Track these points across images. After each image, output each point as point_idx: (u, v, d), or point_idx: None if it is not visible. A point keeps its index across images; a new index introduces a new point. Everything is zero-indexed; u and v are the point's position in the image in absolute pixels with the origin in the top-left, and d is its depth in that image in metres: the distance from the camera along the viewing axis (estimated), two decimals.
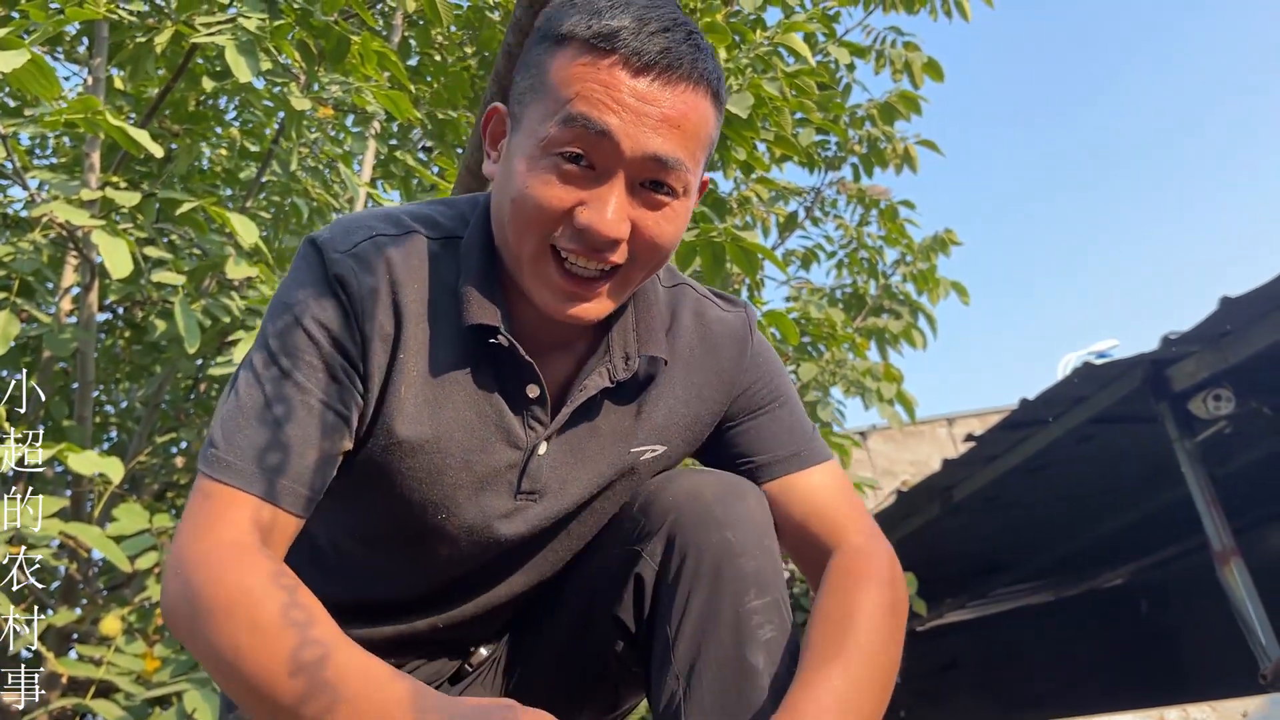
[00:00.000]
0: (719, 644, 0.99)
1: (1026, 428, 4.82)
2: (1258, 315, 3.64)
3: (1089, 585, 9.33)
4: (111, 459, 2.32)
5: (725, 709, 0.97)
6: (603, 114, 0.93)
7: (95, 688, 2.59)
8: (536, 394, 1.05)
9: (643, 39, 0.94)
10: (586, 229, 0.95)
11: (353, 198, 4.02)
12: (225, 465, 0.94)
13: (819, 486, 1.14)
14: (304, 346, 0.98)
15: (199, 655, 0.88)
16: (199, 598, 0.87)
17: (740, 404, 1.16)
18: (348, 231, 1.03)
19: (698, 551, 1.02)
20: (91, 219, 2.58)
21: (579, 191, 0.96)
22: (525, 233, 0.98)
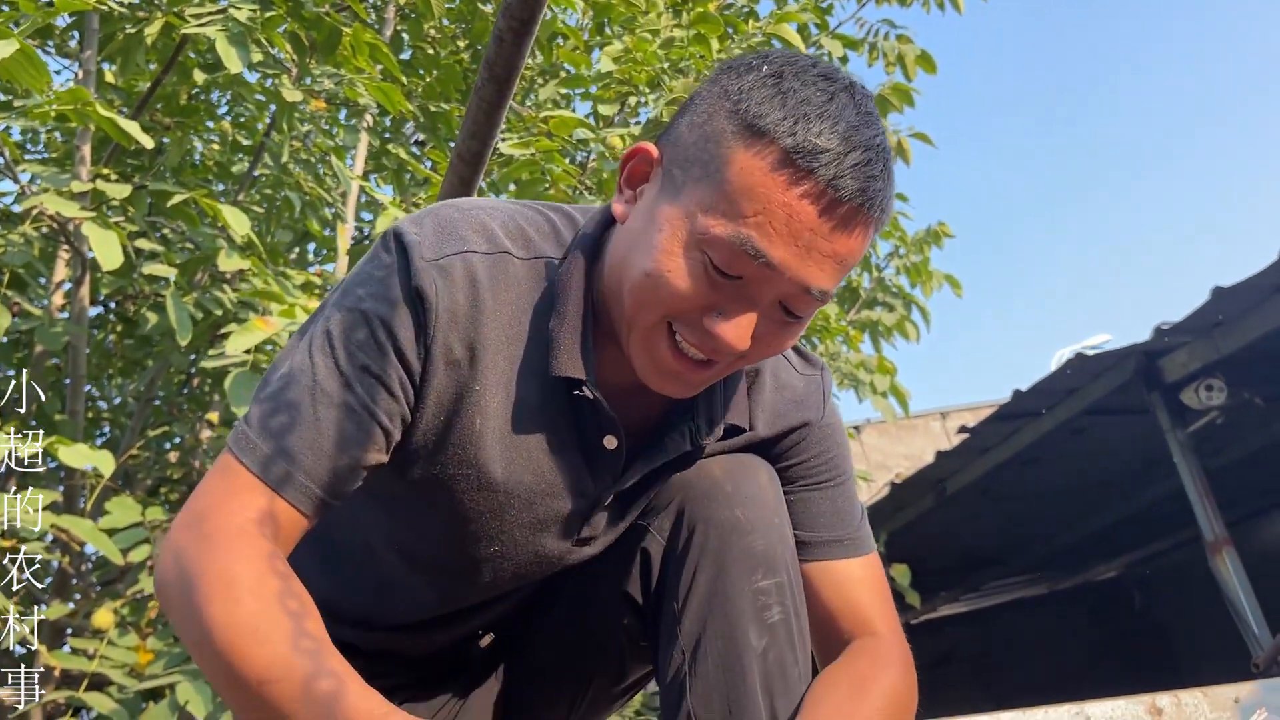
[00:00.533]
0: (725, 621, 0.99)
1: (1019, 419, 4.84)
2: (1249, 306, 3.65)
3: (1082, 578, 9.37)
4: (103, 452, 2.32)
5: (729, 687, 0.97)
6: (774, 247, 0.87)
7: (88, 681, 2.58)
8: (614, 446, 1.01)
9: (844, 170, 0.86)
10: (713, 336, 0.91)
11: (345, 191, 4.01)
12: (251, 448, 0.92)
13: (857, 580, 1.12)
14: (366, 347, 0.94)
15: (181, 630, 0.87)
16: (190, 574, 0.86)
17: (798, 472, 1.13)
18: (440, 238, 0.97)
19: (705, 528, 1.02)
20: (82, 211, 2.57)
21: (717, 296, 0.90)
22: (647, 310, 0.93)
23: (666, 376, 0.95)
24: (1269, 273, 3.40)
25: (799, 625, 1.03)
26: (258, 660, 0.81)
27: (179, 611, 0.87)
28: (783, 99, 0.88)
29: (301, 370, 0.94)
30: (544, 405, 0.99)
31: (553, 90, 4.15)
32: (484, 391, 0.97)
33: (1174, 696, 2.01)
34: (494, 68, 1.59)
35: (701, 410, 1.04)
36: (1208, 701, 2.02)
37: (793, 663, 1.01)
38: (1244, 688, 2.08)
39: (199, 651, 0.85)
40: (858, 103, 0.89)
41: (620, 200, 0.99)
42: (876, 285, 5.13)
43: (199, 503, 0.92)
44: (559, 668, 1.19)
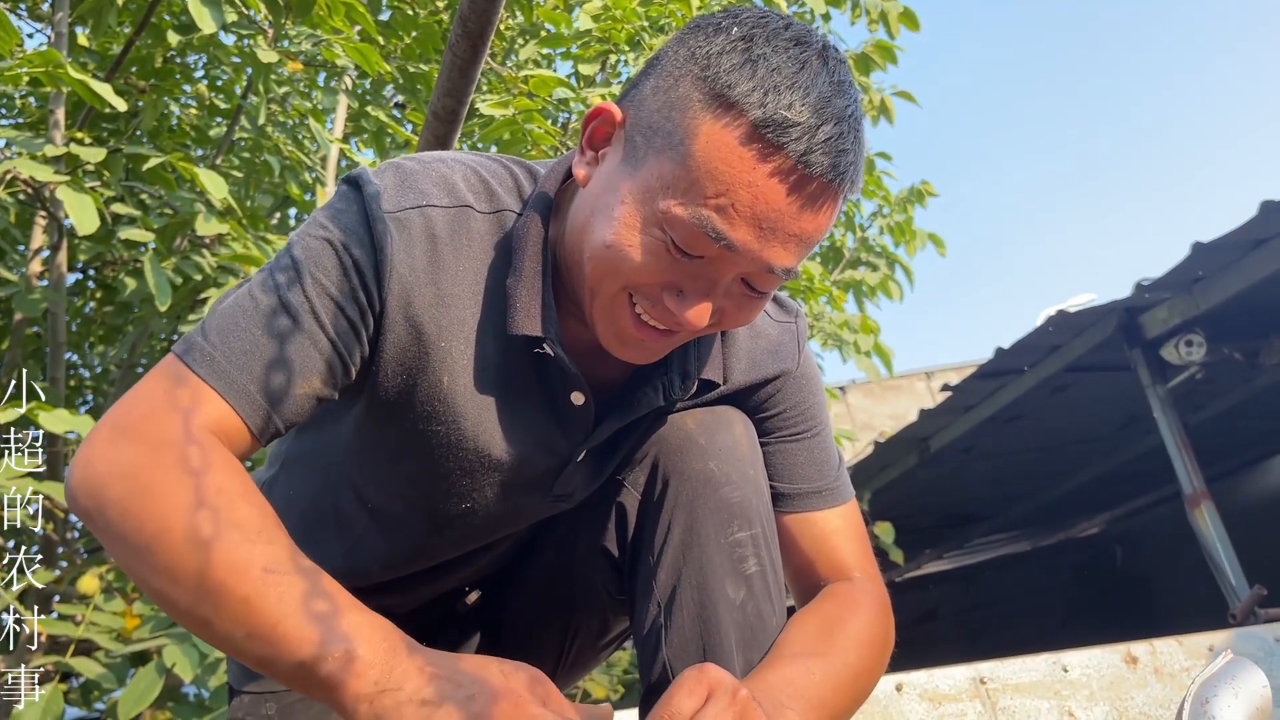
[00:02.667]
0: (699, 574, 0.99)
1: (1002, 377, 4.86)
2: (1229, 261, 3.67)
3: (1065, 534, 9.47)
4: (84, 418, 2.31)
5: (704, 639, 0.98)
6: (736, 229, 0.84)
7: (75, 646, 2.59)
8: (581, 402, 1.00)
9: (815, 145, 0.83)
10: (671, 314, 0.89)
11: (325, 154, 3.98)
12: (210, 361, 0.88)
13: (834, 530, 1.11)
14: (329, 277, 0.91)
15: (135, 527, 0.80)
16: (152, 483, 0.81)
17: (775, 423, 1.12)
18: (399, 190, 0.95)
19: (679, 480, 1.01)
20: (56, 175, 2.54)
21: (677, 273, 0.88)
22: (607, 280, 0.91)
23: (629, 344, 0.94)
24: (1248, 228, 3.41)
25: (774, 576, 1.03)
26: (262, 553, 0.78)
27: (133, 517, 0.80)
28: (752, 67, 0.84)
29: (263, 291, 0.92)
30: (510, 363, 0.98)
31: (533, 50, 4.11)
32: (449, 349, 0.95)
33: (1149, 645, 2.05)
34: (468, 23, 1.57)
35: (675, 365, 1.03)
36: (1182, 650, 2.06)
37: (770, 613, 1.01)
38: (1218, 636, 2.12)
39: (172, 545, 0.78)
40: (830, 69, 0.86)
41: (581, 162, 0.95)
42: (860, 245, 5.12)
43: (139, 407, 0.86)
44: (542, 623, 1.19)
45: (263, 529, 0.80)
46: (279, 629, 0.75)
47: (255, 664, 0.78)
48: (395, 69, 4.07)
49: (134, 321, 3.71)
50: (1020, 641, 5.67)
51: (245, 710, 1.10)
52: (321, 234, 0.93)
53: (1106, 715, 1.91)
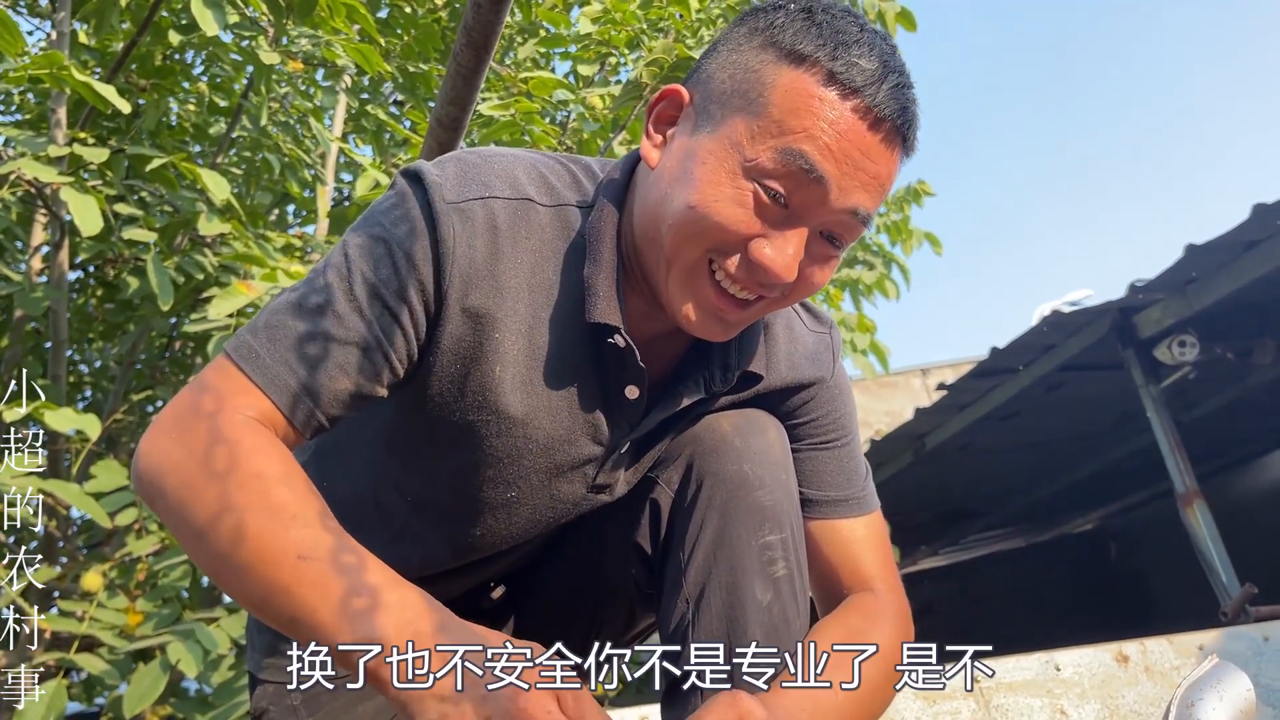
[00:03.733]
0: (729, 573, 1.01)
1: (997, 376, 4.89)
2: (1222, 262, 3.70)
3: (1059, 530, 9.52)
4: (88, 416, 2.33)
5: (731, 637, 1.00)
6: (825, 160, 0.88)
7: (78, 643, 2.62)
8: (635, 396, 1.01)
9: (886, 92, 0.88)
10: (761, 266, 0.91)
11: (324, 152, 3.99)
12: (255, 357, 0.91)
13: (859, 539, 1.13)
14: (384, 278, 0.93)
15: (189, 514, 0.84)
16: (212, 463, 0.84)
17: (807, 430, 1.14)
18: (461, 181, 0.96)
19: (714, 481, 1.03)
20: (60, 176, 2.56)
21: (764, 224, 0.90)
22: (690, 244, 0.92)
23: (707, 315, 0.95)
24: (1240, 230, 3.44)
25: (801, 580, 1.05)
26: (296, 539, 0.80)
27: (185, 508, 0.85)
28: (818, 29, 0.89)
29: (316, 291, 0.93)
30: (566, 353, 0.99)
31: (531, 49, 4.13)
32: (504, 339, 0.97)
33: (1140, 644, 2.08)
34: (472, 34, 1.60)
35: (716, 359, 1.05)
36: (1173, 648, 2.09)
37: (794, 616, 1.03)
38: (1207, 635, 2.15)
39: (218, 535, 0.82)
40: (883, 36, 0.92)
41: (650, 145, 0.98)
42: (857, 243, 5.15)
43: (201, 397, 0.90)
44: (568, 615, 1.21)
45: (298, 513, 0.82)
46: (316, 617, 0.77)
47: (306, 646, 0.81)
48: (395, 68, 4.09)
49: (135, 320, 3.73)
50: (1015, 638, 5.72)
51: (269, 700, 1.11)
52: (378, 231, 0.95)
53: (1098, 713, 1.95)
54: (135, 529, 3.03)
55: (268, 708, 1.11)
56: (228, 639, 2.44)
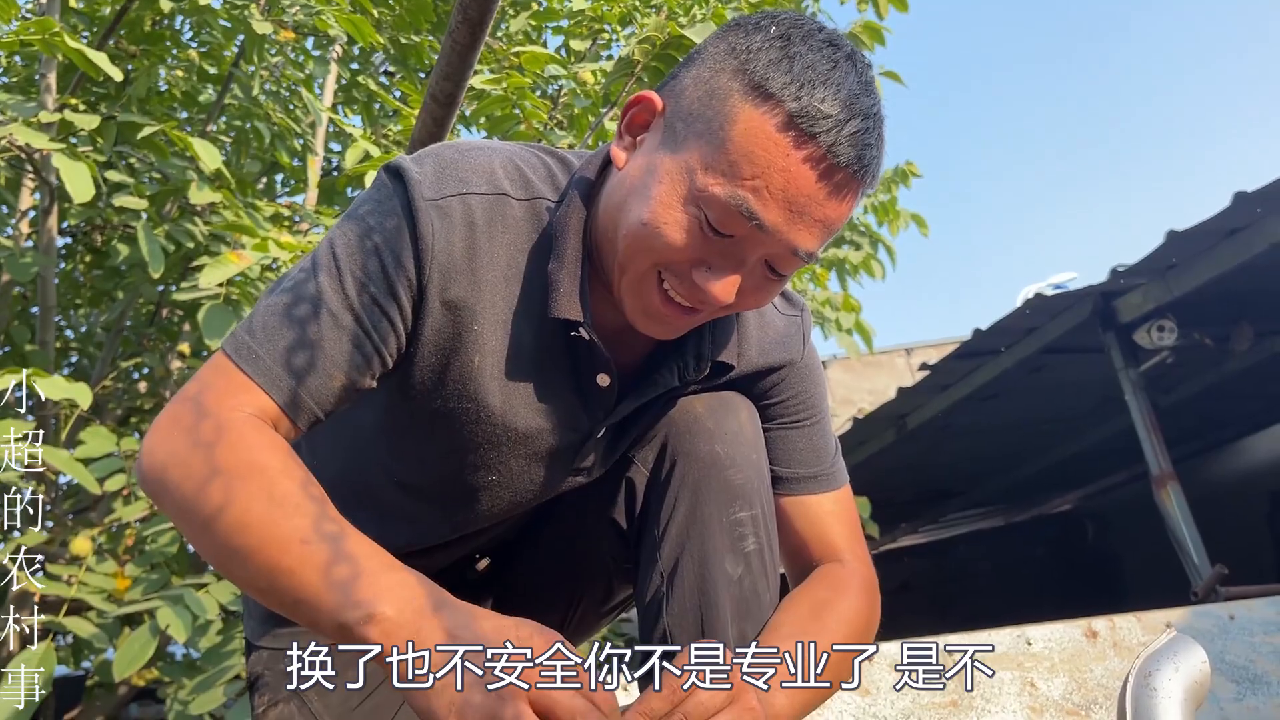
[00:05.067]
0: (701, 548, 1.05)
1: (979, 357, 4.94)
2: (1203, 249, 3.75)
3: (1038, 510, 9.62)
4: (79, 385, 2.35)
5: (702, 609, 1.04)
6: (768, 211, 0.90)
7: (67, 606, 2.64)
8: (606, 383, 1.05)
9: (843, 138, 0.89)
10: (700, 290, 0.94)
11: (315, 122, 3.99)
12: (253, 357, 0.94)
13: (827, 514, 1.18)
14: (370, 274, 0.96)
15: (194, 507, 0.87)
16: (215, 458, 0.87)
17: (777, 410, 1.18)
18: (439, 177, 0.99)
19: (686, 461, 1.07)
20: (51, 142, 2.57)
21: (708, 251, 0.94)
22: (640, 257, 0.96)
23: (653, 320, 0.99)
24: (1221, 218, 3.48)
25: (771, 555, 1.09)
26: (299, 526, 0.84)
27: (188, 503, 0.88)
28: (789, 63, 0.90)
29: (306, 287, 0.96)
30: (540, 345, 1.03)
31: (524, 23, 4.13)
32: (482, 331, 1.00)
33: (1109, 620, 2.14)
34: (468, 10, 1.61)
35: (690, 348, 1.08)
36: (1140, 625, 2.15)
37: (764, 589, 1.07)
38: (1175, 613, 2.22)
39: (223, 526, 0.85)
40: (859, 71, 0.92)
41: (620, 146, 1.01)
42: (845, 224, 5.17)
43: (201, 396, 0.93)
44: (550, 589, 1.25)
45: (299, 503, 0.85)
46: (319, 598, 0.81)
47: (310, 629, 0.84)
48: (386, 39, 4.08)
49: (124, 287, 3.73)
50: (991, 614, 5.79)
51: (264, 665, 1.15)
52: (363, 229, 0.98)
53: (1066, 686, 2.01)
54: (124, 495, 3.06)
55: (263, 672, 1.14)
56: (216, 605, 2.48)
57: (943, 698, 1.95)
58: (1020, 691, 1.99)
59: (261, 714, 1.11)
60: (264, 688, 1.13)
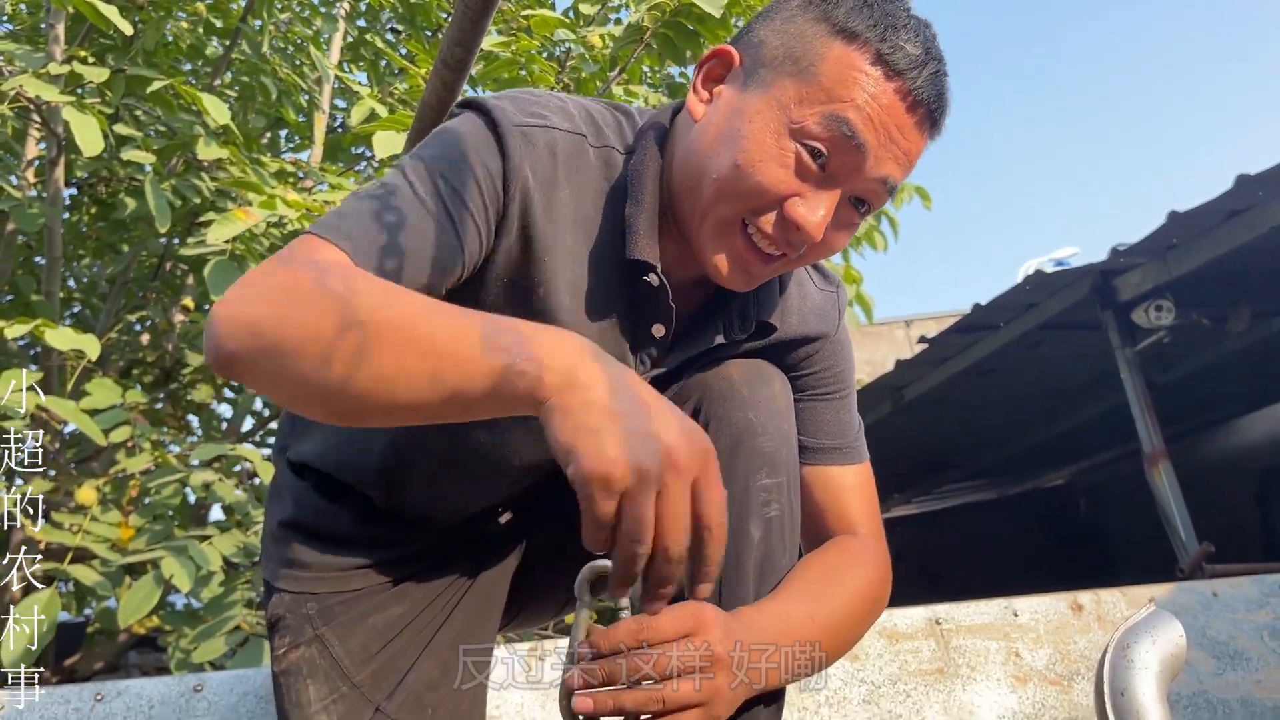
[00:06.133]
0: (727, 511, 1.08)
1: (977, 332, 4.97)
2: (1203, 230, 3.77)
3: (1032, 484, 9.69)
4: (88, 336, 2.37)
5: (725, 569, 1.05)
6: (866, 130, 0.94)
7: (71, 554, 2.68)
8: (661, 334, 1.07)
9: (925, 78, 0.96)
10: (794, 224, 0.97)
11: (321, 78, 3.99)
12: (344, 234, 0.91)
13: (847, 486, 1.20)
14: (462, 177, 0.97)
15: (293, 339, 0.80)
16: (305, 284, 0.83)
17: (809, 382, 1.21)
18: (521, 108, 1.01)
19: (719, 425, 1.09)
20: (61, 96, 2.58)
21: (802, 184, 0.97)
22: (728, 199, 0.98)
23: (735, 267, 1.01)
24: (1222, 200, 3.50)
25: (791, 522, 1.11)
26: (419, 302, 0.82)
27: (296, 315, 0.81)
28: (870, 10, 0.96)
29: (394, 186, 0.96)
30: (602, 287, 1.05)
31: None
32: (550, 264, 1.02)
33: (1094, 594, 2.18)
34: None
35: (736, 308, 1.11)
36: (1125, 600, 2.20)
37: (781, 553, 1.09)
38: (1159, 589, 2.26)
39: (337, 331, 0.79)
40: (926, 23, 0.99)
41: (696, 100, 1.03)
42: None
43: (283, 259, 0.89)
44: (571, 542, 1.27)
45: (413, 293, 0.84)
46: (461, 361, 0.78)
47: (446, 406, 0.80)
48: None
49: (129, 240, 3.75)
50: (982, 585, 5.88)
51: (285, 608, 1.15)
52: (449, 142, 0.99)
53: (1050, 657, 2.05)
54: (127, 446, 3.09)
55: (284, 615, 1.15)
56: (219, 556, 2.52)
57: (929, 665, 2.00)
58: (1005, 661, 2.04)
59: (281, 655, 1.13)
60: (285, 630, 1.14)
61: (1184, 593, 2.23)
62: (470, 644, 1.19)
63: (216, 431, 4.62)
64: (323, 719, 1.08)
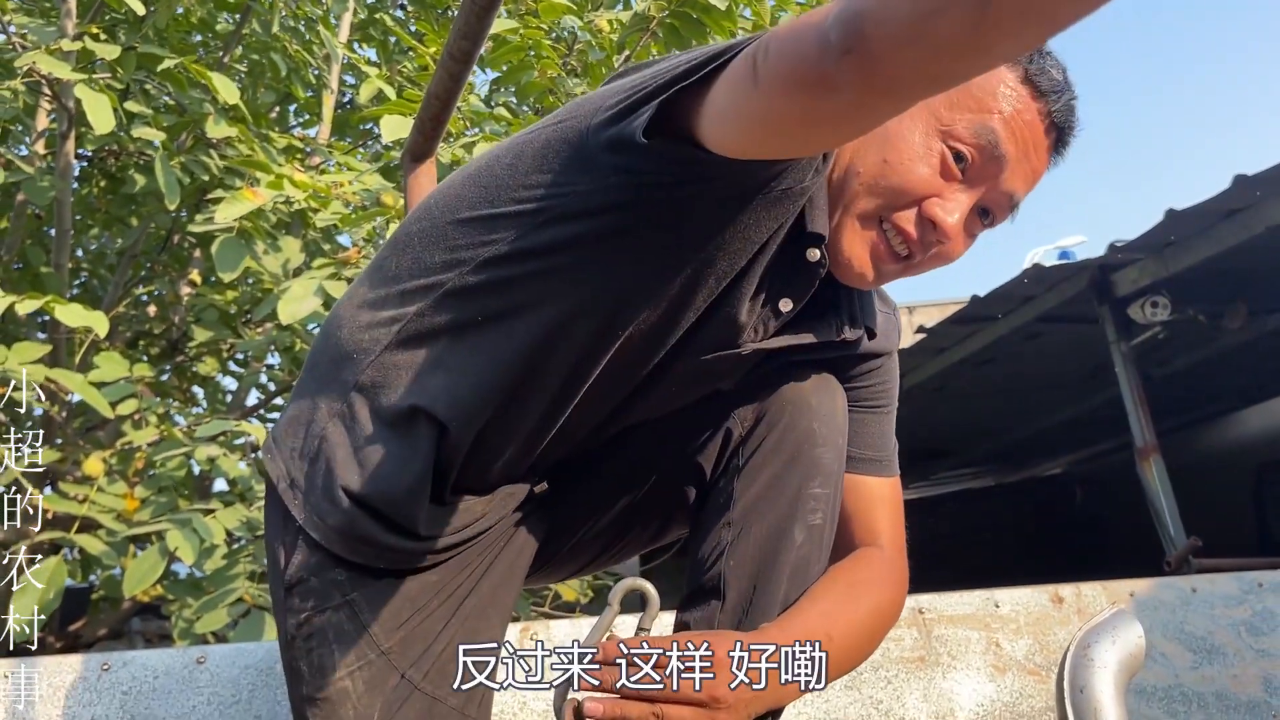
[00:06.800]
0: (775, 512, 1.12)
1: (976, 323, 5.01)
2: (1200, 229, 3.80)
3: (1028, 473, 9.75)
4: (96, 313, 2.42)
5: (762, 563, 1.11)
6: (1009, 142, 0.99)
7: (78, 523, 2.74)
8: (788, 309, 1.08)
9: (1064, 103, 1.00)
10: (932, 222, 1.00)
11: (330, 55, 4.02)
12: None
13: (879, 498, 1.25)
14: None
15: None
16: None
17: (864, 394, 1.25)
18: None
19: (784, 431, 1.14)
20: (74, 73, 2.62)
21: (942, 185, 1.00)
22: (873, 194, 1.02)
23: (866, 262, 1.05)
24: (1220, 199, 3.53)
25: (830, 532, 1.16)
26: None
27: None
28: None
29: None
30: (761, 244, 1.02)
31: None
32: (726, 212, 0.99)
33: (1075, 588, 2.23)
34: None
35: (844, 307, 1.15)
36: (1105, 593, 2.25)
37: (815, 560, 1.14)
38: (1140, 583, 2.31)
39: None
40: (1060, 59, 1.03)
41: None
42: None
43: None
44: (605, 516, 1.29)
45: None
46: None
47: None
48: None
49: (139, 214, 3.79)
50: (977, 573, 5.92)
51: (311, 570, 1.09)
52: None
53: (1029, 647, 2.11)
54: (134, 419, 3.15)
55: (306, 578, 1.09)
56: (223, 530, 2.57)
57: (911, 653, 2.06)
58: (985, 650, 2.09)
59: (305, 620, 1.08)
60: (309, 594, 1.08)
61: (1164, 588, 2.28)
62: (494, 611, 1.17)
63: (221, 404, 4.68)
64: (347, 684, 1.06)
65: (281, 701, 1.60)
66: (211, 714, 1.58)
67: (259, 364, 4.27)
